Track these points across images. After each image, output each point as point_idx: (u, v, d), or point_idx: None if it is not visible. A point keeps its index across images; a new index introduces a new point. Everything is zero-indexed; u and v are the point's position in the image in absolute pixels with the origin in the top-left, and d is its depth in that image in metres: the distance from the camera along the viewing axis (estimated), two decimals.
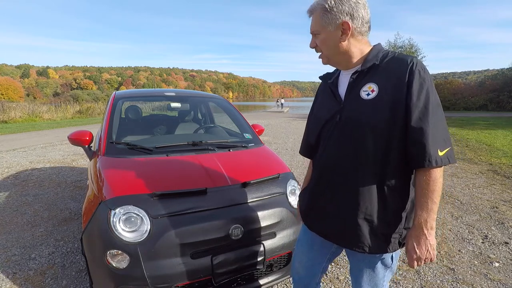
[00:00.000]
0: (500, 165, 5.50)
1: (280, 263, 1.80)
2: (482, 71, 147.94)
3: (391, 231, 1.00)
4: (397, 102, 0.91)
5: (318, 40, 1.04)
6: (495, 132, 9.94)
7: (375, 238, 1.00)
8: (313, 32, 1.05)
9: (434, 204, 0.92)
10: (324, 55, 1.07)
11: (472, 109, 26.25)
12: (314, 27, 1.03)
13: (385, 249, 1.02)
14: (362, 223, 1.00)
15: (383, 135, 0.94)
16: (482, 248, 2.59)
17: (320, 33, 1.02)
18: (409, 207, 1.02)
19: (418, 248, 0.95)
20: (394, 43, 26.82)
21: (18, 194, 3.95)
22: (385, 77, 0.95)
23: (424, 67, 0.93)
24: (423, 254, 0.95)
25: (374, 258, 1.07)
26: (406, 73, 0.91)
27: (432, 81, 0.94)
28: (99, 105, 21.62)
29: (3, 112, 15.38)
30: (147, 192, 1.57)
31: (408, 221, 1.03)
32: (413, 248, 0.95)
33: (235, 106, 3.15)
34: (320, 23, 1.00)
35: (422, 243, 0.94)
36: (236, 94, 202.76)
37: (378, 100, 0.94)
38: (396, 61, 0.96)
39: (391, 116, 0.92)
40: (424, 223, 0.92)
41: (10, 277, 2.16)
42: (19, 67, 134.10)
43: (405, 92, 0.90)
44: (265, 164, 2.14)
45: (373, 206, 0.99)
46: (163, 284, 1.42)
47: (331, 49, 1.03)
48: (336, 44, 1.01)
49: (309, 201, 1.19)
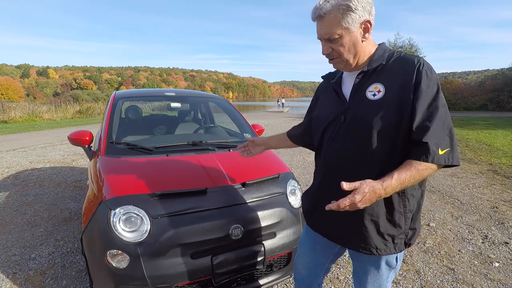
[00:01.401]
0: (500, 165, 5.50)
1: (280, 263, 1.80)
2: (482, 71, 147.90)
3: (398, 231, 0.99)
4: (403, 103, 0.90)
5: (337, 44, 0.96)
6: (495, 132, 9.94)
7: (381, 239, 0.99)
8: (329, 37, 0.95)
9: (409, 184, 0.88)
10: (342, 60, 0.99)
11: (472, 109, 26.25)
12: (333, 30, 0.93)
13: (392, 250, 1.01)
14: (368, 224, 0.99)
15: (389, 135, 0.93)
16: (482, 248, 2.59)
17: (342, 36, 0.94)
18: (415, 207, 1.01)
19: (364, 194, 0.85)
20: (394, 43, 26.84)
21: (18, 194, 3.95)
22: (391, 78, 0.94)
23: (431, 67, 0.92)
24: (361, 199, 0.85)
25: (379, 259, 1.05)
26: (413, 73, 0.90)
27: (439, 81, 0.93)
28: (99, 105, 21.61)
29: (3, 112, 15.38)
30: (147, 192, 1.57)
31: (414, 222, 1.02)
32: (362, 191, 0.85)
33: (235, 106, 3.15)
34: (342, 24, 0.92)
35: (372, 195, 0.86)
36: (236, 94, 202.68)
37: (385, 100, 0.93)
38: (402, 61, 0.95)
39: (397, 116, 0.91)
40: (388, 186, 0.87)
41: (10, 277, 2.16)
42: (19, 67, 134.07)
43: (412, 92, 0.89)
44: (265, 164, 2.14)
45: (379, 207, 0.97)
46: (163, 284, 1.42)
47: (352, 51, 0.97)
48: (358, 44, 0.96)
49: (313, 202, 1.17)
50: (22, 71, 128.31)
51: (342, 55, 0.98)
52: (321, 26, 0.96)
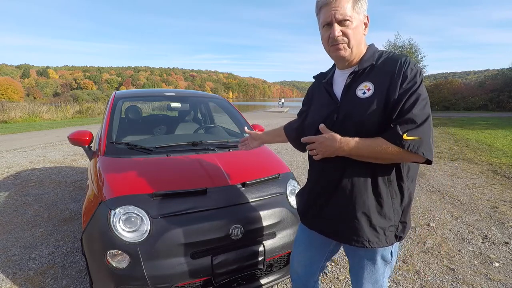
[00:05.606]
0: (500, 165, 5.50)
1: (280, 263, 1.80)
2: (482, 71, 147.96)
3: (388, 223, 1.03)
4: (390, 100, 0.94)
5: (347, 27, 0.99)
6: (495, 132, 9.94)
7: (373, 232, 1.02)
8: (343, 18, 0.98)
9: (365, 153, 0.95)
10: (348, 46, 1.01)
11: (472, 109, 26.22)
12: (346, 12, 0.97)
13: (384, 243, 1.04)
14: (360, 217, 1.02)
15: (378, 132, 0.96)
16: (482, 248, 2.59)
17: (353, 21, 0.98)
18: (406, 201, 1.05)
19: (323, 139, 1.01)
20: (394, 43, 26.86)
21: (18, 194, 3.95)
22: (380, 76, 0.99)
23: (415, 64, 0.97)
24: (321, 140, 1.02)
25: (375, 254, 1.08)
26: (400, 71, 0.95)
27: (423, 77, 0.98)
28: (99, 105, 21.60)
29: (3, 112, 15.38)
30: (147, 192, 1.57)
31: (404, 215, 1.06)
32: (324, 137, 1.01)
33: (235, 106, 3.15)
34: (353, 10, 0.98)
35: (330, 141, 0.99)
36: (236, 94, 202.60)
37: (374, 98, 0.97)
38: (390, 61, 1.00)
39: (385, 113, 0.95)
40: (345, 141, 0.97)
41: (10, 277, 2.16)
42: (19, 67, 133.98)
43: (398, 89, 0.94)
44: (265, 164, 2.14)
45: (369, 200, 1.01)
46: (163, 284, 1.42)
47: (358, 40, 1.02)
48: (360, 35, 1.02)
49: (308, 200, 1.20)
50: (22, 71, 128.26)
51: (351, 40, 1.00)
52: (336, 7, 0.98)
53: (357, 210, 1.02)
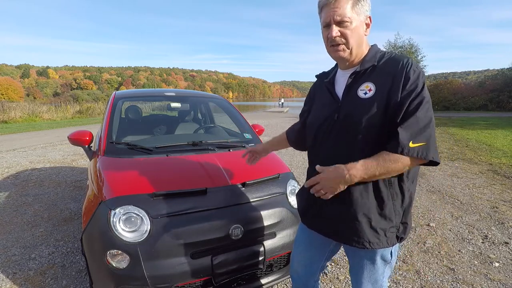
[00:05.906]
0: (500, 165, 5.50)
1: (280, 263, 1.80)
2: (482, 71, 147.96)
3: (389, 225, 1.02)
4: (392, 101, 0.94)
5: (345, 28, 0.98)
6: (495, 132, 9.94)
7: (374, 233, 1.02)
8: (342, 19, 0.97)
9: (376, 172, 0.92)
10: (347, 47, 1.01)
11: (472, 109, 26.21)
12: (345, 13, 0.96)
13: (384, 244, 1.04)
14: (361, 219, 1.02)
15: (379, 132, 0.96)
16: (482, 248, 2.59)
17: (352, 22, 0.97)
18: (407, 201, 1.04)
19: (329, 173, 0.97)
20: (394, 43, 26.83)
21: (18, 194, 3.95)
22: (382, 77, 0.99)
23: (418, 66, 0.97)
24: (325, 176, 0.97)
25: (374, 254, 1.08)
26: (402, 72, 0.95)
27: (425, 78, 0.97)
28: (99, 105, 21.60)
29: (3, 112, 15.37)
30: (147, 192, 1.57)
31: (405, 216, 1.06)
32: (327, 169, 0.98)
33: (235, 106, 3.15)
34: (352, 11, 0.97)
35: (335, 173, 0.95)
36: (236, 94, 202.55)
37: (375, 98, 0.97)
38: (392, 62, 1.00)
39: (386, 114, 0.95)
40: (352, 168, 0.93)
41: (10, 277, 2.16)
42: (19, 67, 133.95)
43: (400, 90, 0.93)
44: (265, 164, 2.14)
45: (370, 202, 1.01)
46: (163, 284, 1.42)
47: (357, 41, 1.01)
48: (361, 36, 1.02)
49: (308, 200, 1.20)
50: (22, 71, 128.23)
51: (349, 41, 1.00)
52: (335, 8, 0.97)
53: (358, 211, 1.02)
